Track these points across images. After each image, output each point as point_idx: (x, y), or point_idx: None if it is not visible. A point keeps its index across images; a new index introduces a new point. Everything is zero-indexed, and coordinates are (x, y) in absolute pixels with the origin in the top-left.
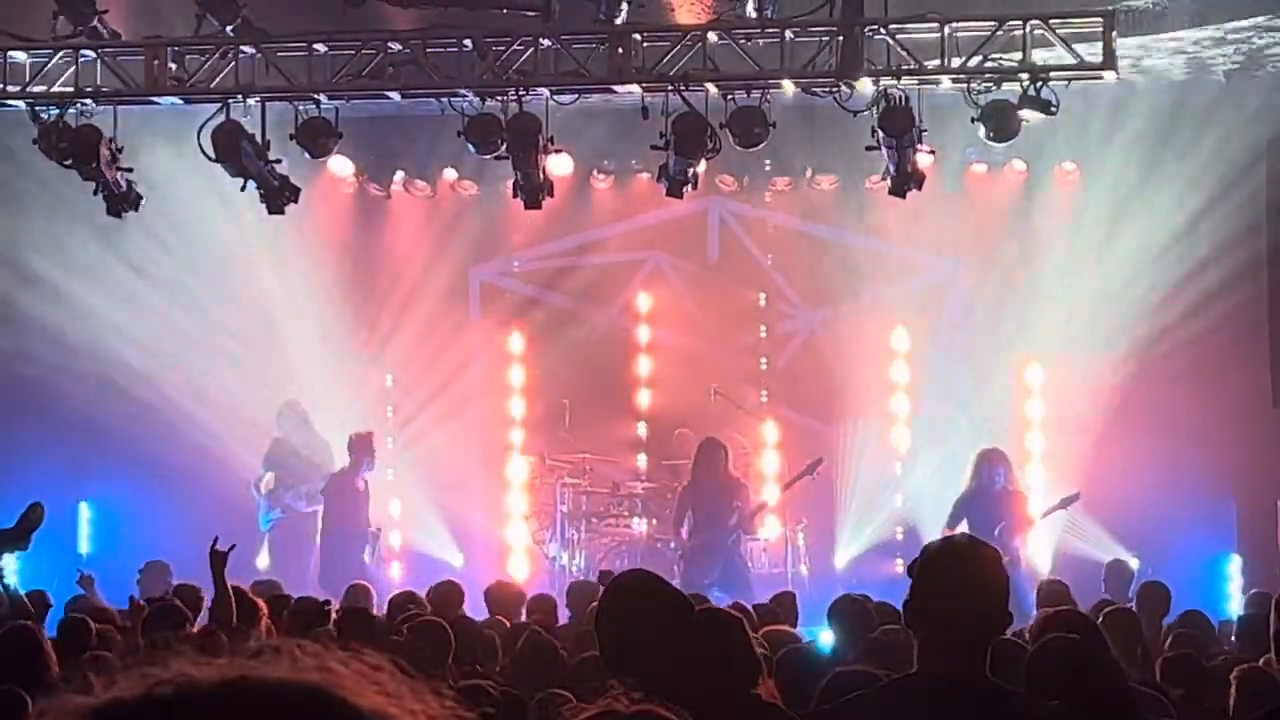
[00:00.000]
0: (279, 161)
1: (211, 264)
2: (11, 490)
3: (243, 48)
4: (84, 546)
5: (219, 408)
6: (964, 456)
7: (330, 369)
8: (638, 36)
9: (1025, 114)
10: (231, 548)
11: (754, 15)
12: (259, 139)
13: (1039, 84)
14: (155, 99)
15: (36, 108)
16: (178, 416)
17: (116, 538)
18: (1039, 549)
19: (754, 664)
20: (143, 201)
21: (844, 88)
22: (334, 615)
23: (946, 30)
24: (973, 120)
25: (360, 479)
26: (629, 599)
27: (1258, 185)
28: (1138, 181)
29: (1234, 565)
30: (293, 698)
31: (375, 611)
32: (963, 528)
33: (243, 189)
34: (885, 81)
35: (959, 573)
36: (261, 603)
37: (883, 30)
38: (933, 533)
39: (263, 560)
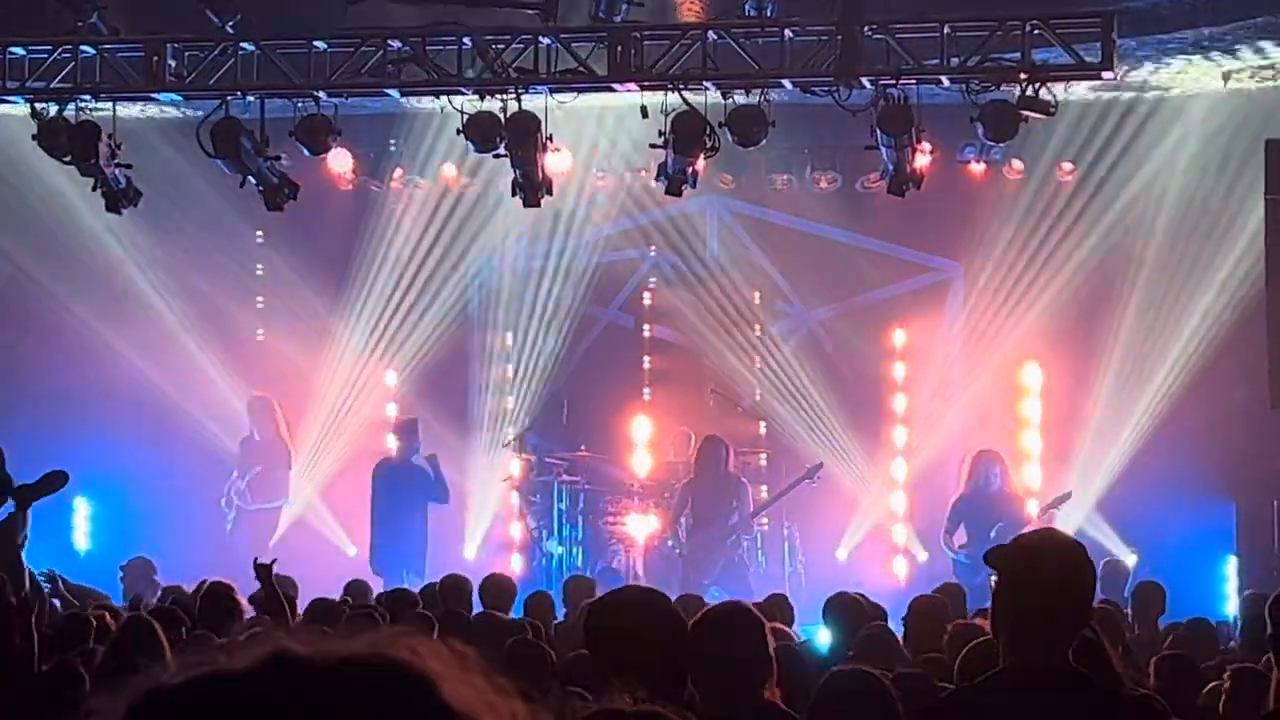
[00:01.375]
0: (278, 158)
1: (209, 259)
2: None
3: (242, 44)
4: (81, 543)
5: (218, 403)
6: (962, 456)
7: (332, 366)
8: (637, 35)
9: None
10: (274, 561)
11: (753, 14)
12: (258, 135)
13: (1038, 84)
14: (155, 95)
15: (36, 104)
16: (177, 411)
17: (117, 534)
18: None
19: (766, 663)
20: (141, 198)
21: (843, 87)
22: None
23: (945, 30)
24: (971, 120)
25: (410, 464)
26: (618, 616)
27: (1256, 186)
28: (1135, 181)
29: (1231, 566)
30: (385, 675)
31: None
32: (960, 530)
33: (241, 185)
34: (884, 81)
35: (1049, 569)
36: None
37: (882, 30)
38: (932, 533)
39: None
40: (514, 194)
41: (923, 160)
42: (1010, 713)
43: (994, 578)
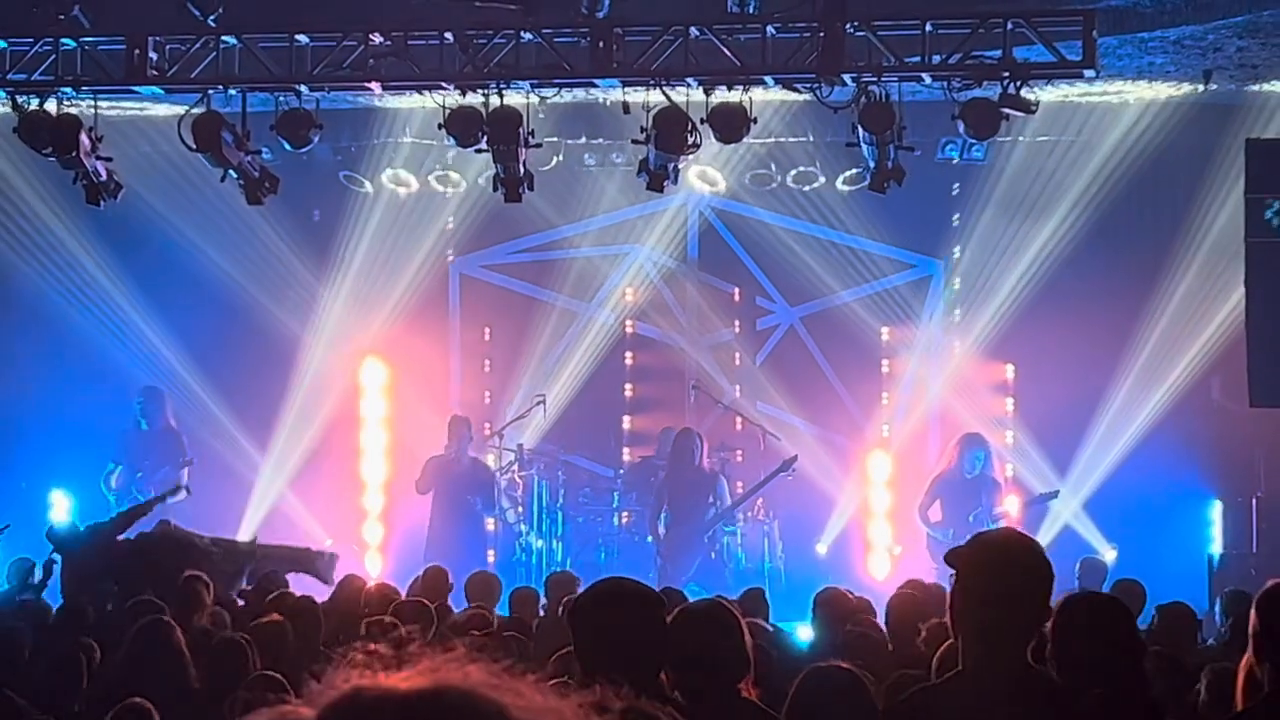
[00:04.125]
0: (259, 152)
1: (189, 253)
2: None
3: (224, 38)
4: None
5: (199, 395)
6: (942, 450)
7: (313, 360)
8: (619, 31)
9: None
10: None
11: (736, 10)
12: (239, 129)
13: (1019, 82)
14: (136, 88)
15: (17, 96)
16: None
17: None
18: (1038, 537)
19: (743, 661)
20: (122, 190)
21: (825, 84)
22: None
23: (927, 27)
24: (953, 117)
25: (460, 461)
26: (604, 609)
27: (1237, 184)
28: (1118, 180)
29: (1211, 562)
30: (458, 708)
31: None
32: (936, 507)
33: (222, 179)
34: (866, 78)
35: (1011, 571)
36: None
37: (864, 27)
38: (911, 529)
39: None
40: (494, 189)
41: (904, 157)
42: (968, 714)
43: (952, 577)
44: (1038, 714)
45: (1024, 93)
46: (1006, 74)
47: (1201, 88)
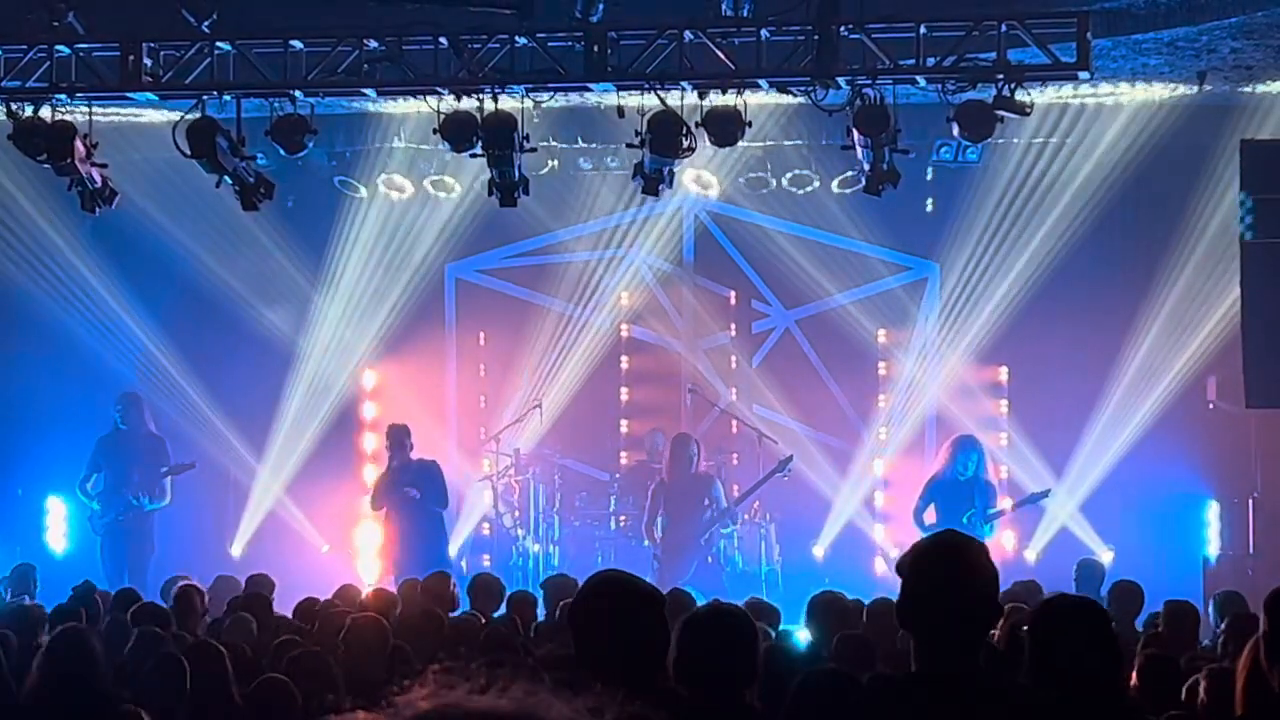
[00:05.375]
0: (254, 158)
1: (184, 259)
2: None
3: (218, 44)
4: (57, 545)
5: (195, 401)
6: (937, 452)
7: (308, 366)
8: (613, 35)
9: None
10: None
11: (730, 14)
12: (234, 135)
13: (1013, 84)
14: (130, 94)
15: (11, 103)
16: (153, 410)
17: (94, 536)
18: (1035, 539)
19: (751, 672)
20: (118, 198)
21: (819, 87)
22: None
23: (921, 30)
24: (947, 120)
25: (405, 470)
26: (606, 598)
27: (1232, 186)
28: (1113, 182)
29: (1206, 563)
30: None
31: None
32: (931, 509)
33: (217, 185)
34: (860, 81)
35: (953, 570)
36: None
37: (858, 30)
38: (907, 532)
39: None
40: (490, 194)
41: (899, 160)
42: (920, 713)
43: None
44: (988, 714)
45: (1018, 95)
46: (1001, 76)
47: (1196, 89)
